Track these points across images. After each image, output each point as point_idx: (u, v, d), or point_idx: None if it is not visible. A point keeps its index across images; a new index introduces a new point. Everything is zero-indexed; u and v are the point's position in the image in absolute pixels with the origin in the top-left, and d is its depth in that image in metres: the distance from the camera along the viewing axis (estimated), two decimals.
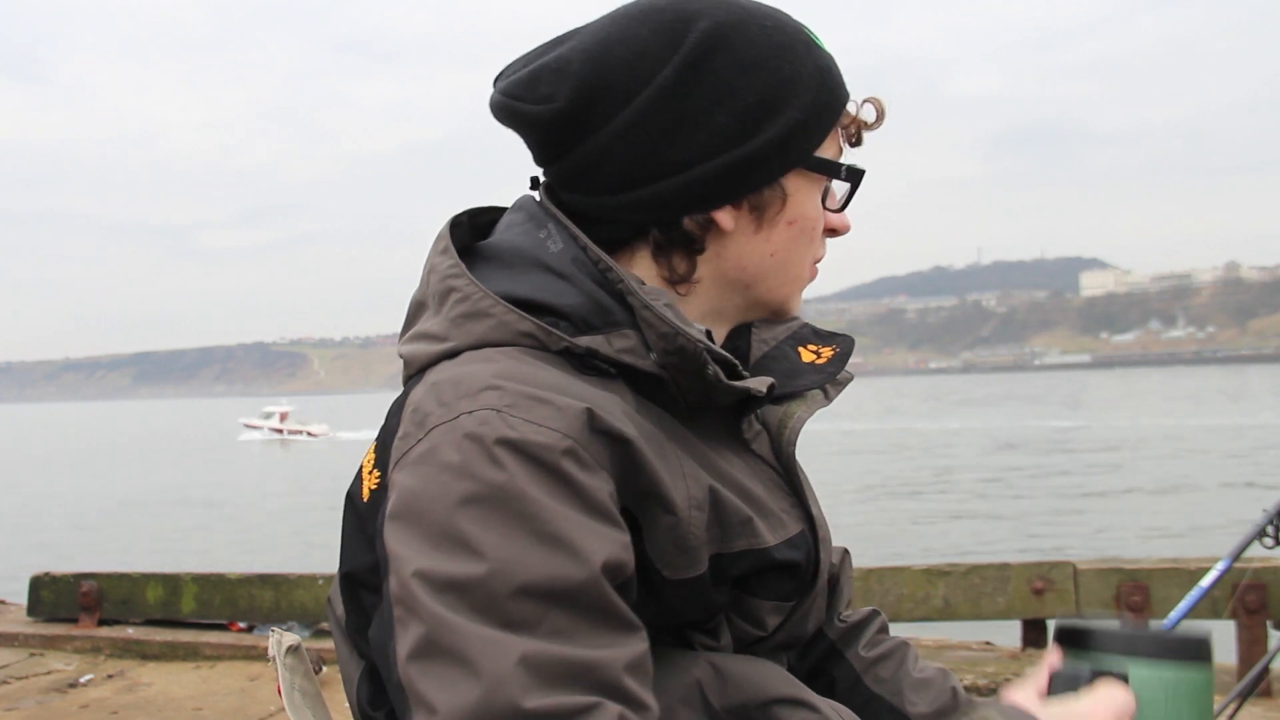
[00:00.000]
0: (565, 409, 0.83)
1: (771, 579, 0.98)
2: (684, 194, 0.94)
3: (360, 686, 0.96)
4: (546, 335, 0.90)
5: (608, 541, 0.80)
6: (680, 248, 0.97)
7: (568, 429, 0.82)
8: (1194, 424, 38.19)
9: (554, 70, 0.94)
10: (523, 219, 1.00)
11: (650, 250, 0.98)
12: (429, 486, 0.81)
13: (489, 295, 0.92)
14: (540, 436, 0.81)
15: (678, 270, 0.98)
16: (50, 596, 5.06)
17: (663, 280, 0.98)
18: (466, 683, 0.74)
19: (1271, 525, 2.32)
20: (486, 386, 0.84)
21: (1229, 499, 16.71)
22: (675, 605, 0.92)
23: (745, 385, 0.94)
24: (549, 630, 0.76)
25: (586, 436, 0.83)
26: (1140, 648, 0.87)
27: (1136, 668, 0.86)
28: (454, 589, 0.77)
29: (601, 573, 0.78)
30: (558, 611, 0.77)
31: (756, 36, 0.95)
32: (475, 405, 0.83)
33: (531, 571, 0.77)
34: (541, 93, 0.94)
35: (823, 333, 1.10)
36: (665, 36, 0.93)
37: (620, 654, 0.78)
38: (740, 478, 0.97)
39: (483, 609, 0.76)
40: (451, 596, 0.77)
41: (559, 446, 0.81)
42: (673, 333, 0.90)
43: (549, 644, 0.75)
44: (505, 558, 0.77)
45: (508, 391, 0.84)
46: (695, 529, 0.90)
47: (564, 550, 0.78)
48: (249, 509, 24.76)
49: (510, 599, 0.76)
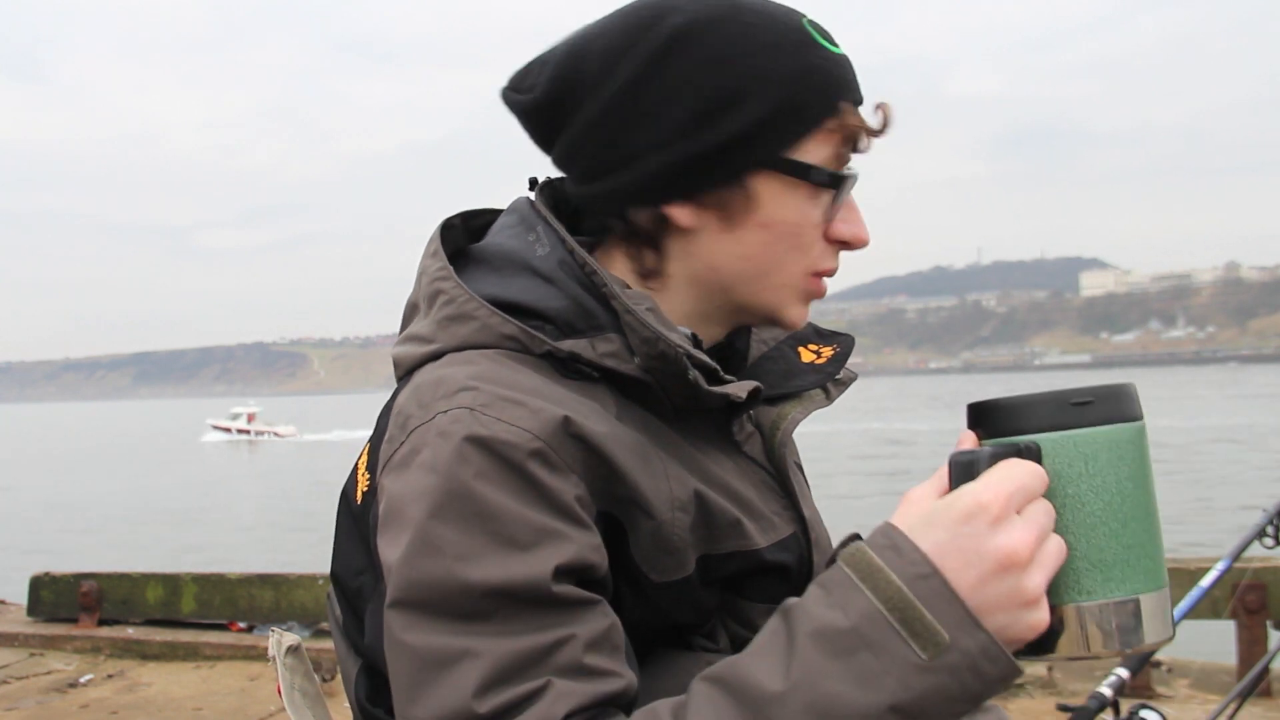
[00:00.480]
0: (538, 411, 0.83)
1: (763, 581, 0.97)
2: (635, 186, 0.93)
3: (359, 682, 0.97)
4: (529, 338, 0.91)
5: (569, 543, 0.80)
6: (644, 242, 0.96)
7: (539, 430, 0.82)
8: (1194, 424, 38.19)
9: (541, 62, 0.96)
10: (514, 221, 1.00)
11: (621, 243, 0.97)
12: (407, 487, 0.82)
13: (474, 298, 0.92)
14: (509, 435, 0.81)
15: (646, 264, 0.97)
16: (50, 596, 5.06)
17: (635, 274, 0.97)
18: (421, 692, 0.77)
19: (1271, 525, 2.32)
20: (463, 388, 0.85)
21: (1229, 499, 16.71)
22: (664, 608, 0.92)
23: (724, 391, 0.93)
24: (500, 627, 0.77)
25: (559, 439, 0.83)
26: (1047, 414, 0.74)
27: (1048, 438, 0.74)
28: (412, 588, 0.79)
29: (555, 574, 0.79)
30: (509, 608, 0.77)
31: (733, 32, 0.92)
32: (451, 405, 0.84)
33: (485, 570, 0.78)
34: (527, 83, 0.97)
35: (824, 332, 1.10)
36: (635, 30, 0.92)
37: (579, 632, 0.78)
38: (729, 479, 0.96)
39: (437, 610, 0.78)
40: (410, 598, 0.79)
41: (527, 446, 0.81)
42: (654, 337, 0.89)
43: (502, 640, 0.77)
44: (460, 555, 0.78)
45: (483, 392, 0.84)
46: (679, 531, 0.90)
47: (519, 550, 0.78)
48: (216, 512, 24.75)
49: (464, 597, 0.77)
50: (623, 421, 0.90)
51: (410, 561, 0.79)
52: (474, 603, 0.77)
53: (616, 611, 0.84)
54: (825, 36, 0.96)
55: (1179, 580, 3.60)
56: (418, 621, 0.78)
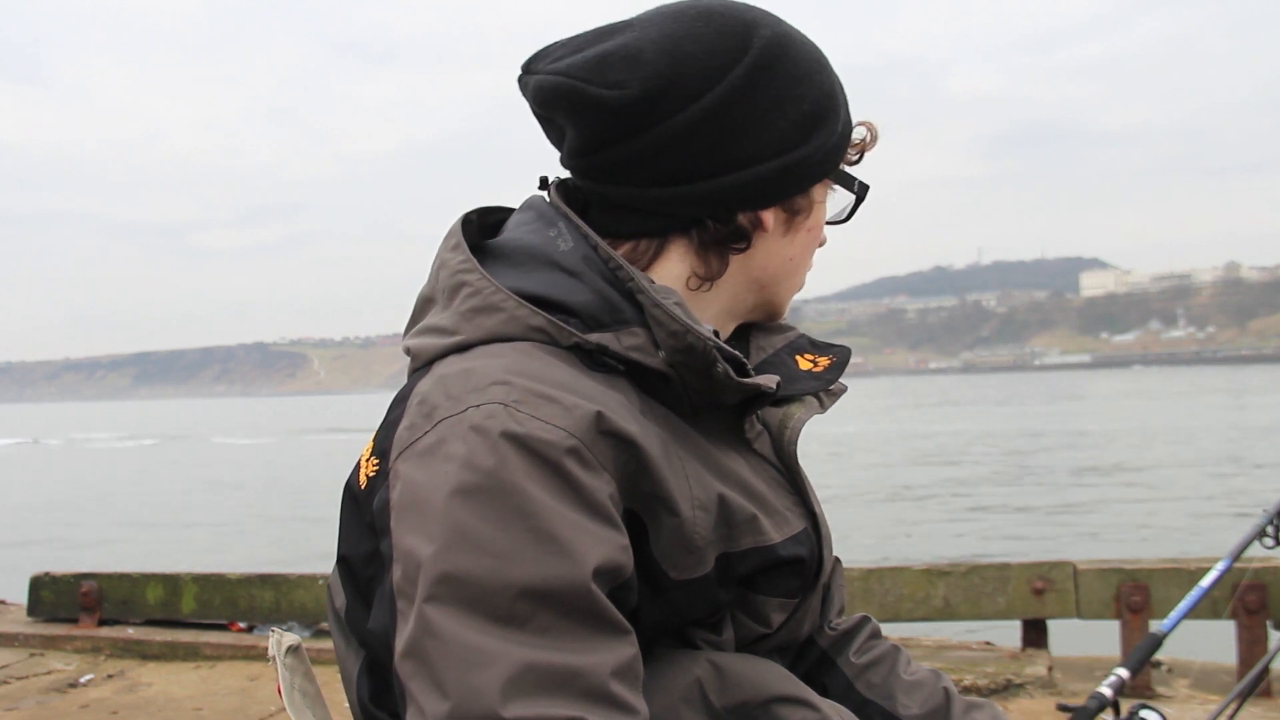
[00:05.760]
0: (573, 408, 0.83)
1: (778, 576, 0.99)
2: (744, 190, 0.97)
3: (360, 683, 0.96)
4: (558, 331, 0.91)
5: (604, 543, 0.80)
6: (722, 244, 0.99)
7: (574, 428, 0.82)
8: (1194, 424, 38.21)
9: (625, 58, 0.93)
10: (532, 217, 1.00)
11: (690, 244, 0.99)
12: (433, 478, 0.81)
13: (501, 290, 0.92)
14: (545, 434, 0.81)
15: (712, 266, 1.00)
16: (50, 596, 5.06)
17: (693, 275, 1.00)
18: (450, 688, 0.75)
19: (1271, 525, 2.32)
20: (495, 381, 0.85)
21: (1229, 499, 16.71)
22: (681, 605, 0.93)
23: (755, 382, 0.95)
24: (536, 631, 0.76)
25: (592, 437, 0.83)
26: None
27: None
28: (448, 583, 0.77)
29: (594, 575, 0.79)
30: (546, 612, 0.77)
31: (804, 49, 0.99)
32: (483, 399, 0.84)
33: (524, 569, 0.77)
34: (612, 78, 0.93)
35: (819, 343, 1.12)
36: (733, 39, 0.95)
37: (607, 659, 0.78)
38: (745, 476, 0.97)
39: (473, 606, 0.77)
40: (446, 592, 0.77)
41: (563, 445, 0.81)
42: (683, 330, 0.90)
43: (535, 649, 0.76)
44: (499, 553, 0.78)
45: (515, 387, 0.84)
46: (700, 529, 0.90)
47: (558, 550, 0.78)
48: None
49: (502, 596, 0.77)
50: (646, 416, 0.90)
51: (446, 556, 0.78)
52: (511, 603, 0.77)
53: (634, 613, 0.85)
54: None
55: (1179, 580, 3.61)
56: (453, 617, 0.77)
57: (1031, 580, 3.82)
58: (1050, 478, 21.72)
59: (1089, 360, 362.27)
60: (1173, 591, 3.56)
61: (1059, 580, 3.79)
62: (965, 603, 3.87)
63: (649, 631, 0.91)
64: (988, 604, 3.87)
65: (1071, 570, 3.80)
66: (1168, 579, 3.67)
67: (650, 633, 0.92)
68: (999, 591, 3.86)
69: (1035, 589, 3.80)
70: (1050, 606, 3.81)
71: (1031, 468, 24.08)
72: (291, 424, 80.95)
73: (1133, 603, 3.63)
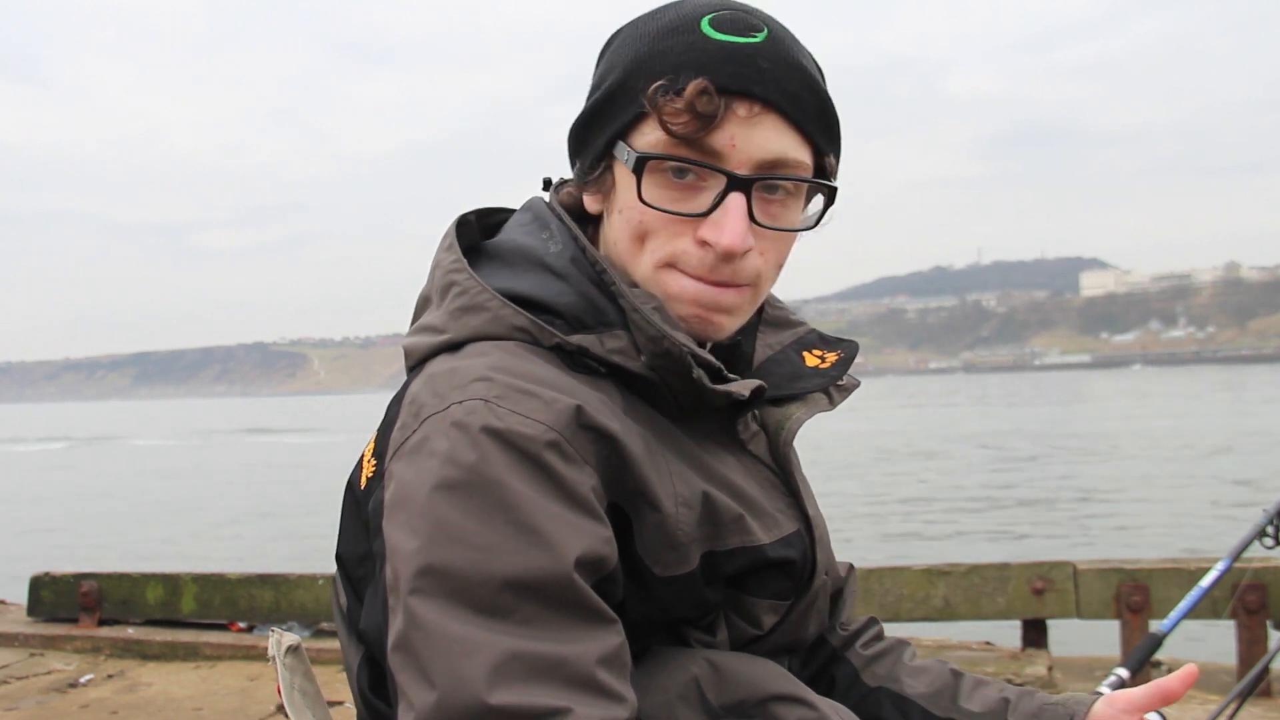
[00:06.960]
0: (552, 403, 0.84)
1: (767, 577, 0.99)
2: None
3: (360, 673, 0.97)
4: (539, 331, 0.92)
5: (585, 535, 0.81)
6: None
7: (554, 422, 0.83)
8: (1194, 424, 38.20)
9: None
10: (528, 219, 1.02)
11: None
12: (419, 475, 0.83)
13: (486, 290, 0.94)
14: (524, 428, 0.82)
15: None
16: (50, 596, 5.06)
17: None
18: (437, 677, 0.76)
19: (1271, 525, 2.32)
20: (477, 378, 0.86)
21: (1229, 499, 16.71)
22: (666, 602, 0.93)
23: (728, 389, 0.94)
24: (520, 621, 0.77)
25: (573, 430, 0.84)
26: None
27: None
28: (431, 576, 0.78)
29: (576, 566, 0.79)
30: (530, 603, 0.78)
31: (639, 23, 0.96)
32: (465, 395, 0.85)
33: (506, 561, 0.78)
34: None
35: (828, 338, 1.12)
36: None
37: (592, 648, 0.79)
38: (733, 477, 0.97)
39: (457, 598, 0.78)
40: (429, 585, 0.78)
41: (543, 438, 0.82)
42: (659, 335, 0.91)
43: (520, 639, 0.77)
44: (482, 546, 0.79)
45: (496, 383, 0.85)
46: (684, 526, 0.90)
47: (540, 541, 0.79)
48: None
49: (485, 588, 0.78)
50: (629, 416, 0.91)
51: (429, 550, 0.79)
52: (495, 595, 0.77)
53: (620, 607, 0.85)
54: (709, 25, 0.90)
55: (1179, 580, 3.61)
56: (437, 609, 0.78)
57: (1031, 580, 3.82)
58: (1050, 478, 21.70)
59: (1089, 360, 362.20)
60: (1173, 591, 3.56)
61: (1059, 580, 3.79)
62: (965, 603, 3.87)
63: (641, 630, 0.91)
64: (988, 604, 3.87)
65: (1071, 570, 3.80)
66: (1168, 579, 3.67)
67: (643, 631, 0.92)
68: (999, 591, 3.86)
69: (1035, 589, 3.80)
70: (1050, 606, 3.81)
71: (1031, 468, 24.07)
72: (294, 423, 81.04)
73: (1133, 603, 3.63)
